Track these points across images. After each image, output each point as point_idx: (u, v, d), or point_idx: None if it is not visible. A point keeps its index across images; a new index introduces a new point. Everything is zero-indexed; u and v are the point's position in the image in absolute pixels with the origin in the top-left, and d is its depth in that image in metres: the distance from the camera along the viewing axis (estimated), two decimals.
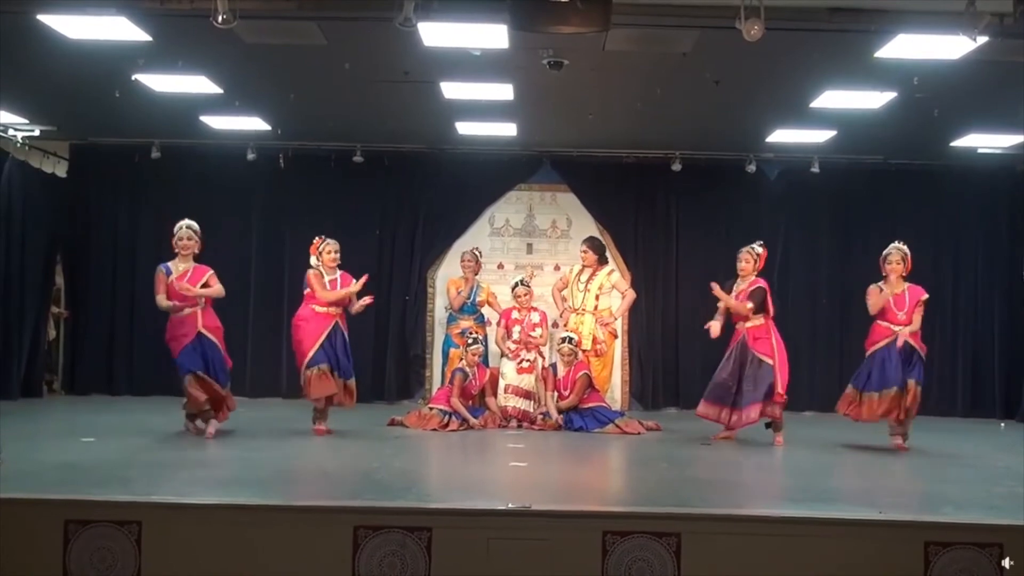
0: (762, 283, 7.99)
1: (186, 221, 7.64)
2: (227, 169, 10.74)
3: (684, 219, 11.16)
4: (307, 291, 7.82)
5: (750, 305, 7.86)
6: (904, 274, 7.64)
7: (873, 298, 7.60)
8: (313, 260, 7.94)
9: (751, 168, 10.68)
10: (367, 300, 7.93)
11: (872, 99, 8.46)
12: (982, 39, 6.21)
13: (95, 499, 4.63)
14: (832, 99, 8.47)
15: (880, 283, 7.68)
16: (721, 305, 8.04)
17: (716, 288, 7.97)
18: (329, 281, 7.83)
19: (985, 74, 7.41)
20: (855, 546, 4.39)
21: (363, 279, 7.85)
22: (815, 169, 10.64)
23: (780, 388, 7.73)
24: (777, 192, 11.13)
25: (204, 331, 7.44)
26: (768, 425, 7.88)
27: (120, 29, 6.83)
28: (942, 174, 10.85)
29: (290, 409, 8.21)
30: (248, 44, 7.14)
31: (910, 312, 7.53)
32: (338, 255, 7.92)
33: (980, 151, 10.41)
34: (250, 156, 10.51)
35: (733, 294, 7.99)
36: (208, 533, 4.40)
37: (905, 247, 7.70)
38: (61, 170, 11.03)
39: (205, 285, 7.50)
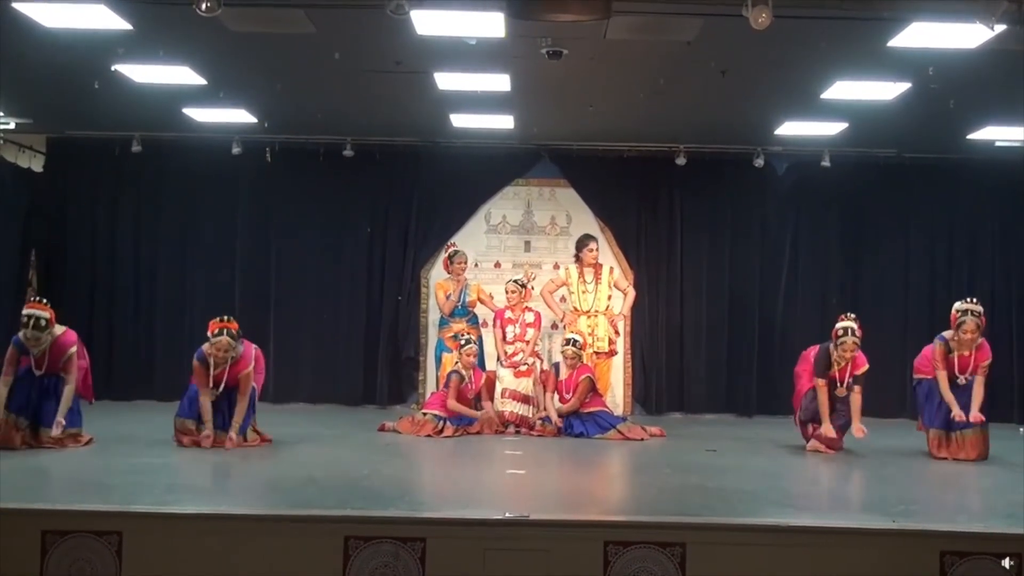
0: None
1: (31, 311, 7.06)
2: (211, 163, 10.73)
3: (688, 215, 11.16)
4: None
5: (856, 387, 7.63)
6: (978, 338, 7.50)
7: (931, 364, 7.56)
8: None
9: (759, 162, 10.68)
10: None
11: (885, 90, 8.46)
12: (1000, 27, 6.22)
13: (73, 509, 4.63)
14: (844, 90, 8.47)
15: (948, 333, 7.55)
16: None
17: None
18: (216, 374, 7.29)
19: (1003, 64, 7.40)
20: (868, 556, 4.40)
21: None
22: (826, 163, 10.63)
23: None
24: (786, 187, 11.14)
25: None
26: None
27: (99, 17, 6.81)
28: (958, 168, 10.84)
29: (274, 415, 8.22)
30: (233, 33, 7.12)
31: (971, 372, 7.47)
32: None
33: (998, 144, 10.40)
34: (235, 150, 10.50)
35: (838, 371, 7.68)
36: (191, 544, 4.41)
37: (980, 308, 7.50)
38: (37, 164, 11.02)
39: (67, 362, 7.12)
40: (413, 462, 7.42)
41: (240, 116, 9.88)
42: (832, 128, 9.94)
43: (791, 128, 9.99)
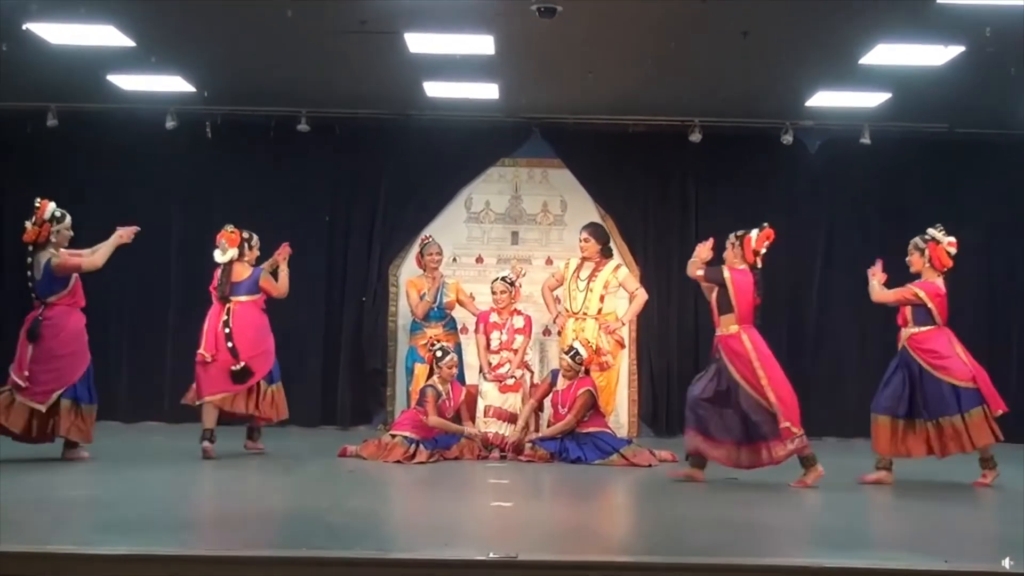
0: (733, 271, 7.62)
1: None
2: (141, 140, 10.73)
3: (704, 201, 11.21)
4: (259, 295, 8.82)
5: (700, 272, 7.63)
6: (928, 267, 8.04)
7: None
8: (230, 254, 8.93)
9: (787, 139, 10.73)
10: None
11: (935, 55, 8.52)
12: None
13: None
14: (886, 54, 8.53)
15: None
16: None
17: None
18: None
19: None
20: None
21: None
22: (865, 140, 10.68)
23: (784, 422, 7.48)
24: (819, 168, 11.20)
25: None
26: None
27: None
28: (1018, 146, 10.92)
29: (221, 432, 8.25)
30: None
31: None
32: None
33: None
34: (170, 124, 10.49)
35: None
36: None
37: (931, 233, 8.03)
38: None
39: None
40: (381, 493, 7.43)
41: (175, 84, 9.89)
42: (873, 99, 10.00)
43: (825, 99, 10.05)
